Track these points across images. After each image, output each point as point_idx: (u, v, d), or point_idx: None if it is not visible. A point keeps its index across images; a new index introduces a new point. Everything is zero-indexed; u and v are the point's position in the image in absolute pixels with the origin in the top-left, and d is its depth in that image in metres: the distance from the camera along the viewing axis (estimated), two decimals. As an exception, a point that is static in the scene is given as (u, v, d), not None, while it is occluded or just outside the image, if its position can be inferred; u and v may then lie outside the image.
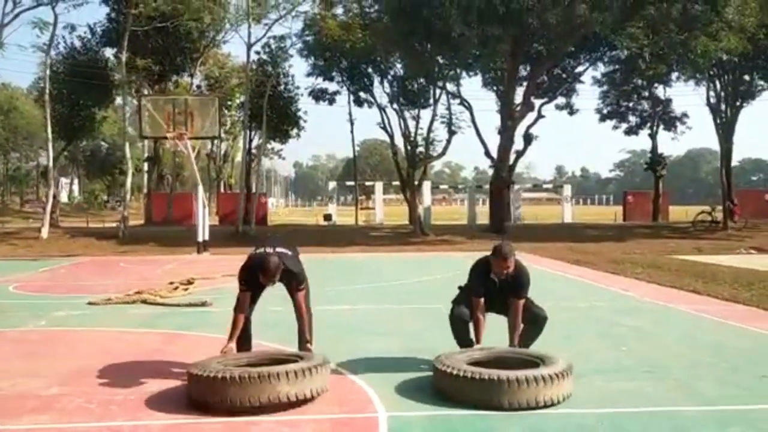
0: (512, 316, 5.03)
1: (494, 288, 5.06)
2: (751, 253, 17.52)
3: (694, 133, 43.77)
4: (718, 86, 28.89)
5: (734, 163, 35.79)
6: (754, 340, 6.58)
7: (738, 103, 29.28)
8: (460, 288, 5.33)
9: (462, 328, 5.11)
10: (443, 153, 30.09)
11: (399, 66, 29.09)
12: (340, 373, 5.12)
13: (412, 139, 28.68)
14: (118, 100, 33.56)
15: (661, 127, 33.85)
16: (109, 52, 29.87)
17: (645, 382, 4.95)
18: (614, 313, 8.03)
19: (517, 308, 5.01)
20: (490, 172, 28.81)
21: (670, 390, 4.76)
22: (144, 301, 8.93)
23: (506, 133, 23.73)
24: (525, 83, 26.25)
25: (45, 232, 22.97)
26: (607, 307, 8.58)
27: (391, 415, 4.18)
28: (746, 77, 28.90)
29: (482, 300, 5.07)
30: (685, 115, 33.70)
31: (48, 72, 24.66)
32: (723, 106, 29.02)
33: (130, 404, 4.46)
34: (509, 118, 23.75)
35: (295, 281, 4.98)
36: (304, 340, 4.96)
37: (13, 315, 8.26)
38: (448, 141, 28.47)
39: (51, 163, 25.27)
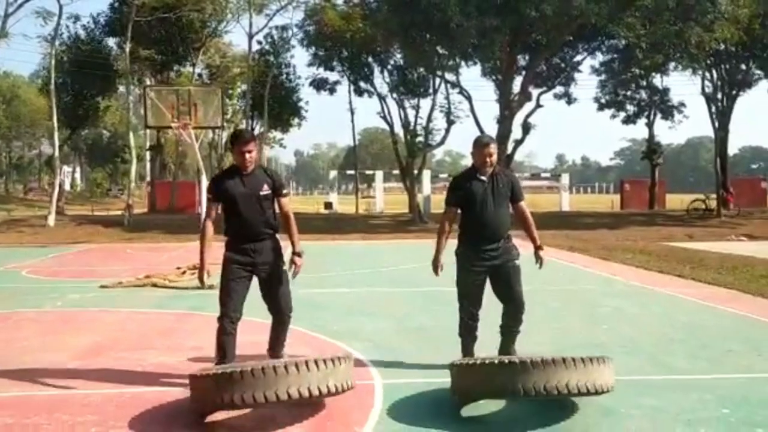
0: (523, 220, 4.82)
1: (484, 189, 4.69)
2: (741, 240, 17.94)
3: (695, 121, 44.35)
4: (715, 75, 29.20)
5: (735, 151, 36.19)
6: (728, 320, 7.01)
7: (734, 92, 29.59)
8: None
9: (469, 344, 4.90)
10: (442, 142, 30.51)
11: (399, 56, 29.40)
12: (339, 347, 5.57)
13: (411, 128, 29.01)
14: (121, 89, 33.93)
15: (659, 116, 34.17)
16: (112, 42, 30.23)
17: (619, 356, 5.34)
18: (600, 296, 8.47)
19: (523, 211, 4.81)
20: (491, 160, 29.14)
21: (641, 363, 5.19)
22: (154, 285, 9.37)
23: (504, 122, 24.07)
24: (523, 73, 26.57)
25: (52, 220, 23.41)
26: (593, 290, 9.02)
27: (386, 382, 4.63)
28: (743, 66, 29.20)
29: (457, 210, 4.78)
30: (682, 104, 34.03)
31: (53, 62, 24.98)
32: (719, 95, 29.36)
33: (148, 373, 4.91)
34: (506, 107, 24.09)
35: (280, 181, 4.60)
36: (295, 251, 4.58)
37: (29, 297, 8.70)
38: (447, 130, 28.87)
39: (57, 152, 25.69)
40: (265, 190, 4.43)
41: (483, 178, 4.71)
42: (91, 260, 14.46)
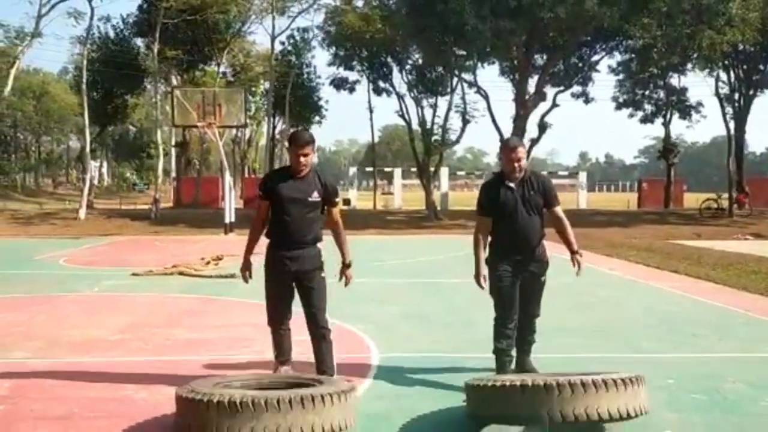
0: (558, 225, 4.62)
1: (514, 198, 4.42)
2: (747, 239, 18.32)
3: (720, 120, 43.92)
4: (732, 76, 29.38)
5: (762, 150, 36.13)
6: (703, 310, 7.61)
7: (751, 93, 29.73)
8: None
9: (505, 363, 4.57)
10: (457, 141, 31.03)
11: (417, 56, 30.00)
12: (345, 328, 6.30)
13: (427, 127, 29.63)
14: (148, 87, 35.02)
15: (676, 115, 34.37)
16: (140, 42, 31.29)
17: (595, 338, 6.06)
18: (592, 287, 9.07)
19: (558, 216, 4.57)
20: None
21: (611, 344, 5.86)
22: (180, 273, 10.20)
23: (518, 122, 24.60)
24: (539, 73, 27.06)
25: (83, 213, 24.48)
26: (587, 283, 9.58)
27: (384, 356, 5.35)
28: (761, 66, 29.33)
29: (490, 221, 4.52)
30: (700, 104, 34.13)
31: (85, 62, 26.05)
32: (736, 96, 29.53)
33: (178, 346, 5.71)
34: (522, 107, 24.61)
35: (334, 190, 4.38)
36: (345, 262, 4.50)
37: (68, 283, 9.56)
38: (462, 129, 29.42)
39: (88, 148, 26.82)
40: (315, 197, 4.21)
41: (512, 185, 4.42)
42: (122, 251, 15.38)
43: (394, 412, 3.96)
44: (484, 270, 4.52)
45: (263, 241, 4.37)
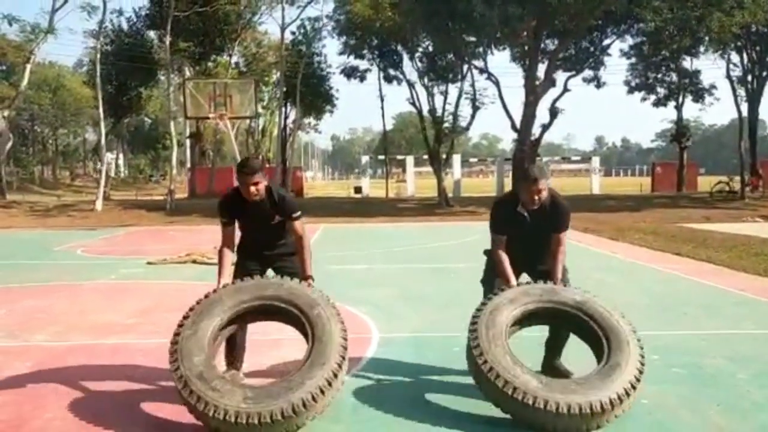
0: (552, 249, 4.21)
1: (524, 224, 4.20)
2: (756, 221, 18.37)
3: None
4: (745, 58, 29.19)
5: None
6: (698, 290, 7.80)
7: (765, 74, 29.51)
8: (486, 253, 4.47)
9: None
10: (467, 128, 31.13)
11: (427, 43, 30.06)
12: (347, 309, 6.59)
13: (438, 114, 29.75)
14: (162, 79, 35.44)
15: (689, 98, 34.21)
16: (153, 35, 31.64)
17: (587, 317, 6.28)
18: (590, 270, 9.28)
19: (558, 241, 4.20)
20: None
21: (603, 322, 6.08)
22: (194, 261, 10.54)
23: (528, 108, 24.66)
24: (549, 58, 27.05)
25: (99, 205, 24.98)
26: (587, 265, 9.82)
27: (383, 336, 5.64)
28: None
29: (503, 238, 4.27)
30: (713, 86, 33.95)
31: (98, 56, 26.47)
32: (749, 78, 29.35)
33: (189, 328, 6.01)
34: (531, 93, 24.66)
35: (289, 208, 4.18)
36: (305, 275, 4.11)
37: (87, 272, 9.94)
38: (473, 116, 29.52)
39: (103, 140, 27.29)
40: (276, 220, 4.18)
41: (525, 213, 4.18)
42: (138, 241, 15.79)
43: (389, 384, 4.25)
44: (513, 280, 4.15)
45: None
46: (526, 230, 4.18)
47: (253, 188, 4.00)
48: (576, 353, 4.30)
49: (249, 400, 3.25)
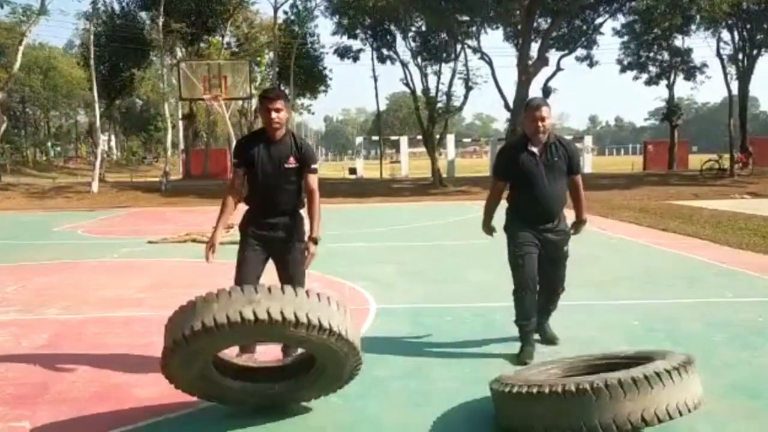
0: (574, 194, 4.42)
1: (536, 164, 4.17)
2: (744, 198, 18.72)
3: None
4: (736, 36, 29.36)
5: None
6: (683, 263, 8.12)
7: (755, 52, 29.73)
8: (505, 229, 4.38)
9: (529, 334, 4.37)
10: (461, 108, 31.26)
11: (420, 22, 30.06)
12: (347, 284, 6.88)
13: (431, 94, 29.86)
14: (154, 60, 35.31)
15: (681, 77, 34.44)
16: (145, 15, 31.51)
17: (577, 289, 6.52)
18: (577, 245, 9.49)
19: (577, 185, 4.37)
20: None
21: (591, 293, 6.38)
22: (194, 240, 10.79)
23: (521, 87, 24.82)
24: (542, 37, 27.16)
25: (95, 186, 25.13)
26: (575, 240, 10.12)
27: (380, 307, 5.93)
28: (765, 26, 29.24)
29: (504, 184, 4.37)
30: (705, 65, 34.17)
31: (92, 38, 26.42)
32: (740, 56, 29.55)
33: (195, 302, 6.29)
34: (524, 72, 24.81)
35: (310, 156, 4.00)
36: (311, 236, 3.92)
37: (89, 251, 10.19)
38: (466, 96, 29.65)
39: (98, 123, 27.34)
40: (291, 163, 3.94)
41: (534, 149, 4.17)
42: (136, 221, 16.02)
43: (387, 352, 4.54)
44: (494, 225, 4.38)
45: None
46: (539, 171, 4.14)
47: (275, 114, 3.85)
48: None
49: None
